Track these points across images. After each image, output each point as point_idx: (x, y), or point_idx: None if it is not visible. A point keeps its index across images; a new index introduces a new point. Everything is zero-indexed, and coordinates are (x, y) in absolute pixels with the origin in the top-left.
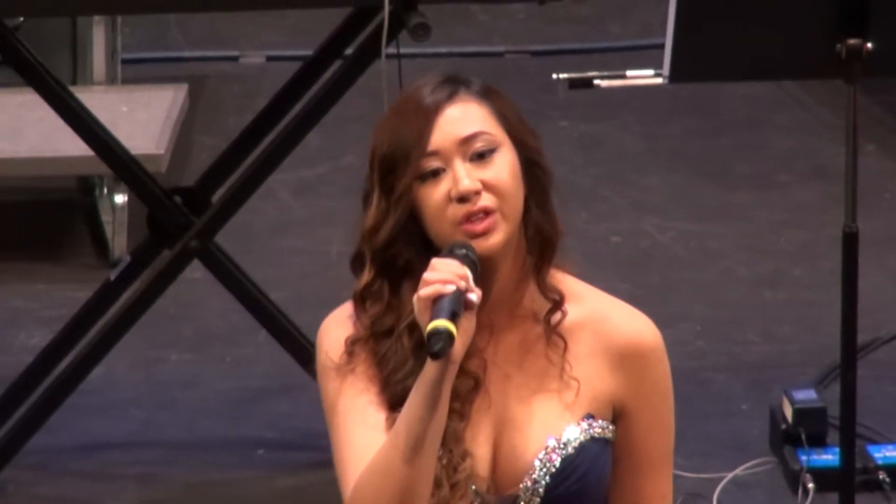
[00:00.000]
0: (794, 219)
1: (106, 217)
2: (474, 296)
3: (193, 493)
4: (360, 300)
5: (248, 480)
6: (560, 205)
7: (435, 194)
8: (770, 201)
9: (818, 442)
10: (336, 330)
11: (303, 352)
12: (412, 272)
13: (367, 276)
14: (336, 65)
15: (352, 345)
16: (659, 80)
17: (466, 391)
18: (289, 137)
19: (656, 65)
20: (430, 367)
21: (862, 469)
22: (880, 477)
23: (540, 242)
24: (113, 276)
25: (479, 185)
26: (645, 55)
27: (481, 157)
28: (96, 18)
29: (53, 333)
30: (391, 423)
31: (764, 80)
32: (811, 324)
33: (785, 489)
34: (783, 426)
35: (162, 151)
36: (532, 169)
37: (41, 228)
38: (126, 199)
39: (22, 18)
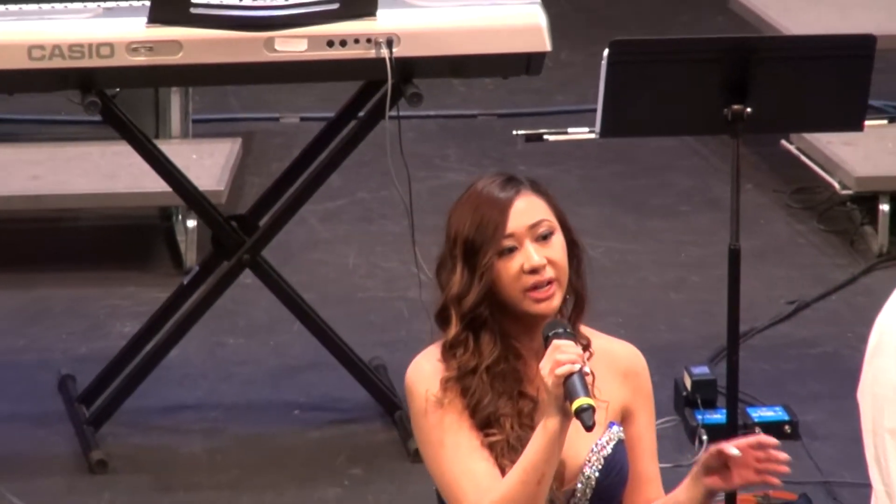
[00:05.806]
0: (693, 239)
1: (180, 237)
2: (588, 369)
3: (245, 443)
4: (450, 348)
5: (286, 434)
6: None
7: (511, 267)
8: (675, 226)
9: (710, 405)
10: (429, 374)
11: (326, 337)
12: (487, 323)
13: (454, 330)
14: (352, 124)
15: (446, 383)
16: (592, 136)
17: (528, 411)
18: (317, 178)
19: (590, 124)
20: (555, 423)
21: (742, 425)
22: (756, 431)
23: (576, 301)
24: (185, 281)
25: (545, 261)
26: (582, 117)
27: (544, 238)
28: (174, 88)
29: (141, 324)
30: (486, 445)
31: (670, 135)
32: (705, 318)
33: (685, 440)
34: (684, 393)
35: (222, 188)
36: (573, 246)
37: (132, 246)
38: (195, 223)
39: (118, 89)
